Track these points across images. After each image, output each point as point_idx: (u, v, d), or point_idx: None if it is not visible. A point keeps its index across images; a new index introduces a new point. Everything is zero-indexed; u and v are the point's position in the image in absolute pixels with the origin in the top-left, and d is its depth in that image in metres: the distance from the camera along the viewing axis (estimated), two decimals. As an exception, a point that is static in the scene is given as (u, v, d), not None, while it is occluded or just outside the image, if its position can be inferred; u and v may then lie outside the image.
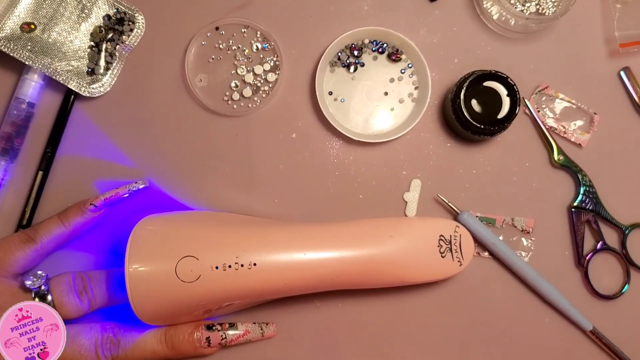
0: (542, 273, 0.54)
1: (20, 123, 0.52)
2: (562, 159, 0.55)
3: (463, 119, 0.51)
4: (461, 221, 0.53)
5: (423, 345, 0.54)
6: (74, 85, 0.53)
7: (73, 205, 0.50)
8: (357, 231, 0.49)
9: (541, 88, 0.56)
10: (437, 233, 0.50)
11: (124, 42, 0.54)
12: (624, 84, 0.56)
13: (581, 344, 0.55)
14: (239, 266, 0.44)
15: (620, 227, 0.55)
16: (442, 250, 0.49)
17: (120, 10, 0.54)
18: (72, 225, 0.49)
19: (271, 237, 0.47)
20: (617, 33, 0.55)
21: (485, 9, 0.55)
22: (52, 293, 0.45)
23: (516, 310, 0.54)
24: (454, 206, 0.53)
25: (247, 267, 0.44)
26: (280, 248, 0.46)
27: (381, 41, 0.55)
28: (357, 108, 0.55)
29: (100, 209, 0.50)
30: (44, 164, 0.53)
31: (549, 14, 0.55)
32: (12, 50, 0.51)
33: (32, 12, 0.52)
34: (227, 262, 0.44)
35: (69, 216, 0.49)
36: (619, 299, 0.55)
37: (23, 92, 0.53)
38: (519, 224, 0.55)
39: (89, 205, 0.49)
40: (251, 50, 0.55)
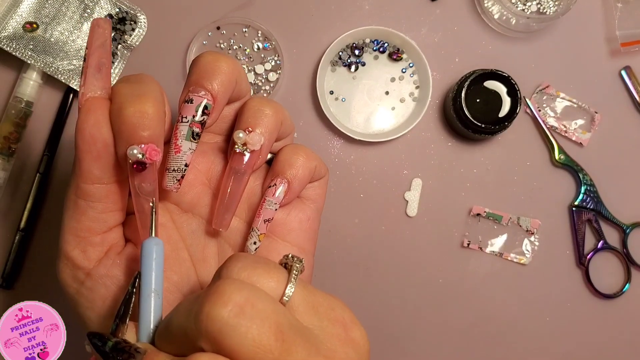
0: (543, 272, 0.54)
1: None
2: (563, 158, 0.55)
3: (464, 117, 0.51)
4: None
5: (423, 345, 0.54)
6: (75, 85, 0.53)
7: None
8: None
9: (542, 87, 0.56)
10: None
11: (126, 41, 0.54)
12: (625, 83, 0.56)
13: (581, 345, 0.55)
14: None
15: (621, 226, 0.55)
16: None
17: (122, 9, 0.54)
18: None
19: None
20: (618, 32, 0.55)
21: (486, 8, 0.55)
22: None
23: (516, 309, 0.55)
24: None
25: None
26: None
27: (382, 40, 0.55)
28: (358, 107, 0.55)
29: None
30: (43, 166, 0.53)
31: (550, 13, 0.55)
32: (15, 49, 0.51)
33: (34, 12, 0.52)
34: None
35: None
36: (619, 298, 0.55)
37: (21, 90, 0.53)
38: (524, 224, 0.55)
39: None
40: (252, 50, 0.55)
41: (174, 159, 0.30)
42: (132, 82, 0.30)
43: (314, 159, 0.34)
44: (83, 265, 0.31)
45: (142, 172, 0.28)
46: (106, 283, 0.31)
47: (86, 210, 0.30)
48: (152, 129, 0.28)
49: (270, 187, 0.32)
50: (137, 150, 0.27)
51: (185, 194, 0.33)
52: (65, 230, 0.30)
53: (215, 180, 0.34)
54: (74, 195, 0.29)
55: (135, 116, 0.27)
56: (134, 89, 0.29)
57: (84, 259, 0.31)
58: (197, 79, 0.30)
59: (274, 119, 0.32)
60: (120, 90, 0.29)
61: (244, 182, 0.32)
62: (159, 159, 0.28)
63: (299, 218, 0.34)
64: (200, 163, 0.33)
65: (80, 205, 0.29)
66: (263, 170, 0.35)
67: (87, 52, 0.29)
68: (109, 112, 0.28)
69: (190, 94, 0.30)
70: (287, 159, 0.33)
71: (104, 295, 0.31)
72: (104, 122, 0.28)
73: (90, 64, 0.29)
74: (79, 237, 0.30)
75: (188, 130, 0.30)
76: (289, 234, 0.34)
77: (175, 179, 0.30)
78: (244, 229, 0.34)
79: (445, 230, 0.55)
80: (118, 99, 0.28)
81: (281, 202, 0.32)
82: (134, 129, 0.27)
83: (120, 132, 0.28)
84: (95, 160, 0.28)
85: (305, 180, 0.33)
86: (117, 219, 0.31)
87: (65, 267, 0.31)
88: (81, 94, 0.29)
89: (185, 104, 0.30)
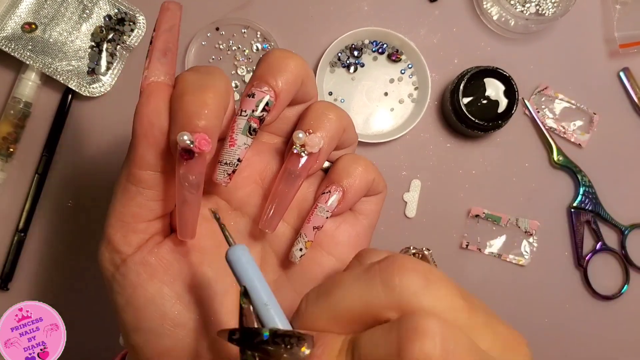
0: (541, 273, 0.54)
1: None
2: (561, 159, 0.55)
3: (460, 111, 0.51)
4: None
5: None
6: (74, 85, 0.53)
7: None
8: None
9: (541, 88, 0.56)
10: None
11: (125, 42, 0.54)
12: (624, 85, 0.56)
13: (580, 346, 0.55)
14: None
15: (620, 228, 0.55)
16: None
17: (121, 10, 0.54)
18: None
19: None
20: (617, 34, 0.55)
21: (485, 9, 0.55)
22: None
23: (515, 310, 0.55)
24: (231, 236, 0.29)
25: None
26: None
27: (381, 42, 0.55)
28: (357, 108, 0.55)
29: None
30: (41, 167, 0.53)
31: (548, 15, 0.55)
32: (14, 50, 0.51)
33: (33, 13, 0.52)
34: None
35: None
36: (618, 299, 0.55)
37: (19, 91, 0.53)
38: (523, 225, 0.55)
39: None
40: (251, 51, 0.55)
41: (228, 153, 0.29)
42: (200, 72, 0.29)
43: (373, 171, 0.33)
44: (122, 250, 0.30)
45: (189, 161, 0.27)
46: (138, 270, 0.30)
47: (135, 196, 0.29)
48: (208, 120, 0.27)
49: (323, 193, 0.31)
50: (187, 137, 0.26)
51: (237, 190, 0.32)
52: (111, 214, 0.30)
53: (269, 182, 0.32)
54: (125, 180, 0.29)
55: (195, 104, 0.27)
56: (200, 79, 0.28)
57: (124, 243, 0.30)
58: (262, 74, 0.29)
59: (337, 124, 0.31)
60: (185, 78, 0.28)
61: (297, 185, 0.31)
62: (208, 150, 0.27)
63: (348, 232, 0.33)
64: (256, 162, 0.32)
65: (130, 190, 0.29)
66: (318, 177, 0.33)
67: (154, 34, 0.28)
68: (169, 99, 0.28)
69: (253, 88, 0.29)
70: (344, 167, 0.32)
71: (134, 282, 0.30)
72: (164, 108, 0.27)
73: (156, 47, 0.28)
74: (123, 222, 0.30)
75: (245, 124, 0.29)
76: (336, 247, 0.33)
77: (226, 172, 0.29)
78: (290, 235, 0.33)
79: (444, 232, 0.55)
80: (181, 85, 0.28)
81: (333, 211, 0.31)
82: (190, 116, 0.26)
83: (176, 118, 0.27)
84: (150, 147, 0.28)
85: (361, 192, 0.32)
86: (165, 208, 0.30)
87: (105, 250, 0.30)
88: (144, 77, 0.28)
89: (247, 97, 0.29)
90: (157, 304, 0.29)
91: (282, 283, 0.32)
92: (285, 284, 0.32)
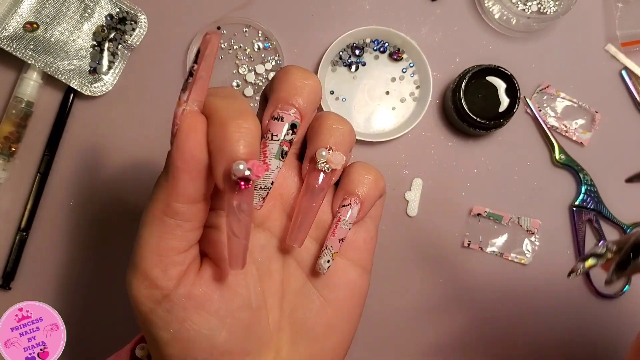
0: (543, 272, 0.54)
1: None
2: (563, 158, 0.55)
3: (461, 109, 0.51)
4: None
5: (423, 345, 0.54)
6: (76, 84, 0.53)
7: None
8: None
9: (542, 87, 0.56)
10: None
11: (126, 41, 0.54)
12: (625, 83, 0.56)
13: (582, 345, 0.55)
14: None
15: (622, 226, 0.55)
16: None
17: (122, 9, 0.54)
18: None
19: None
20: (619, 32, 0.55)
21: (487, 8, 0.55)
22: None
23: (517, 309, 0.55)
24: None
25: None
26: None
27: (382, 40, 0.55)
28: (358, 107, 0.55)
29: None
30: (43, 166, 0.53)
31: (550, 13, 0.55)
32: (15, 49, 0.51)
33: (35, 12, 0.52)
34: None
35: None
36: (620, 298, 0.55)
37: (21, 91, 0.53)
38: (525, 224, 0.55)
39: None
40: (253, 50, 0.55)
41: (262, 178, 0.29)
42: (227, 97, 0.29)
43: (381, 178, 0.34)
44: (163, 286, 0.29)
45: (244, 189, 0.27)
46: (184, 305, 0.29)
47: (174, 229, 0.28)
48: (254, 146, 0.27)
49: (344, 206, 0.32)
50: (244, 166, 0.26)
51: (261, 208, 0.32)
52: (145, 248, 0.29)
53: (287, 195, 0.33)
54: (161, 213, 0.28)
55: (240, 132, 0.26)
56: (233, 104, 0.28)
57: (165, 278, 0.29)
58: (287, 96, 0.29)
59: (350, 138, 0.32)
60: (217, 106, 0.28)
61: (321, 200, 0.31)
62: (263, 175, 0.27)
63: (363, 237, 0.34)
64: (277, 177, 0.32)
65: (168, 224, 0.28)
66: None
67: (196, 67, 0.28)
68: (206, 130, 0.27)
69: (280, 111, 0.29)
70: (359, 179, 0.33)
71: (180, 317, 0.29)
72: (204, 141, 0.27)
73: (198, 76, 0.28)
74: (161, 256, 0.29)
75: (278, 149, 0.29)
76: (353, 253, 0.34)
77: (260, 197, 0.29)
78: (311, 247, 0.33)
79: (446, 230, 0.55)
80: (219, 114, 0.27)
81: (354, 221, 0.32)
82: (237, 145, 0.26)
83: (222, 148, 0.26)
84: (193, 180, 0.27)
85: (375, 200, 0.33)
86: (199, 236, 0.30)
87: (141, 285, 0.29)
88: (182, 109, 0.28)
89: (275, 121, 0.29)
90: (206, 335, 0.29)
91: (308, 290, 0.33)
92: (311, 291, 0.33)
